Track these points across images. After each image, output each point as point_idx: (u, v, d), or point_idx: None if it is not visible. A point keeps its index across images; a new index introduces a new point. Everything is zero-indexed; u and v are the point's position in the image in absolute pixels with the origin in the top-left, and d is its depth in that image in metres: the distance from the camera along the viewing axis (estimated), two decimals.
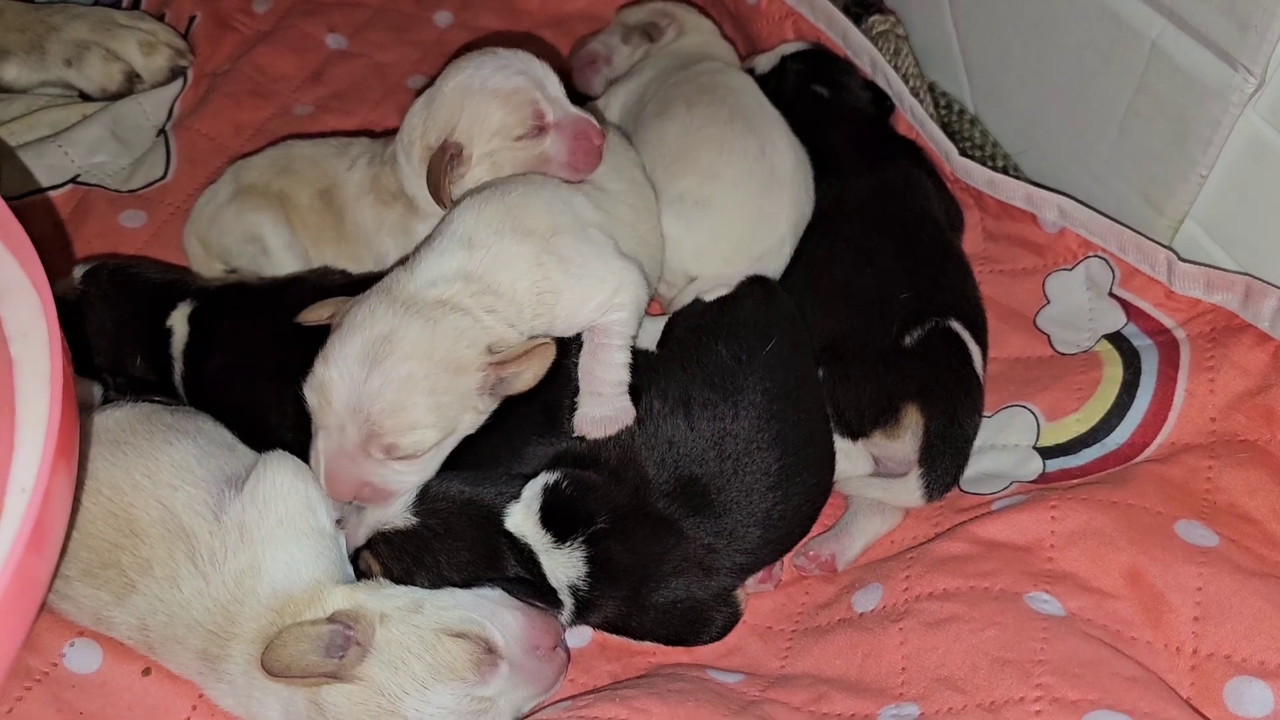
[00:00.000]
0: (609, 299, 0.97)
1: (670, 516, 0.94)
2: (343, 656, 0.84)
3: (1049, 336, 1.11)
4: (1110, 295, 1.08)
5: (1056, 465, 1.02)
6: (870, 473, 1.03)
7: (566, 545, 0.93)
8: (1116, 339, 1.06)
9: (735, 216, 1.10)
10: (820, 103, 1.25)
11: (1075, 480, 1.00)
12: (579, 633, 1.01)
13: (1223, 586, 0.86)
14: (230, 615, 0.87)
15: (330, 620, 0.85)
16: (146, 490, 0.90)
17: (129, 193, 1.33)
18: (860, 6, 1.38)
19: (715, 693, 0.90)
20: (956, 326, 1.04)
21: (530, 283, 0.94)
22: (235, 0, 1.55)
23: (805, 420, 0.99)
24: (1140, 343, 1.05)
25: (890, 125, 1.27)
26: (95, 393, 1.05)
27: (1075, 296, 1.11)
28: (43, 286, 0.82)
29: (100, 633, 0.92)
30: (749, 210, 1.10)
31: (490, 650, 0.86)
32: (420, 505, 0.94)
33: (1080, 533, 0.92)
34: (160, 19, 1.47)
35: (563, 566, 0.93)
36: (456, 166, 1.03)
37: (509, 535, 0.94)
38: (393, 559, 0.94)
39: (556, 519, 0.94)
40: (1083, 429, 1.02)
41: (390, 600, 0.88)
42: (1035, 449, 1.04)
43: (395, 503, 0.94)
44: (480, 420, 0.94)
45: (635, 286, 0.99)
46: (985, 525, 0.96)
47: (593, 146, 1.04)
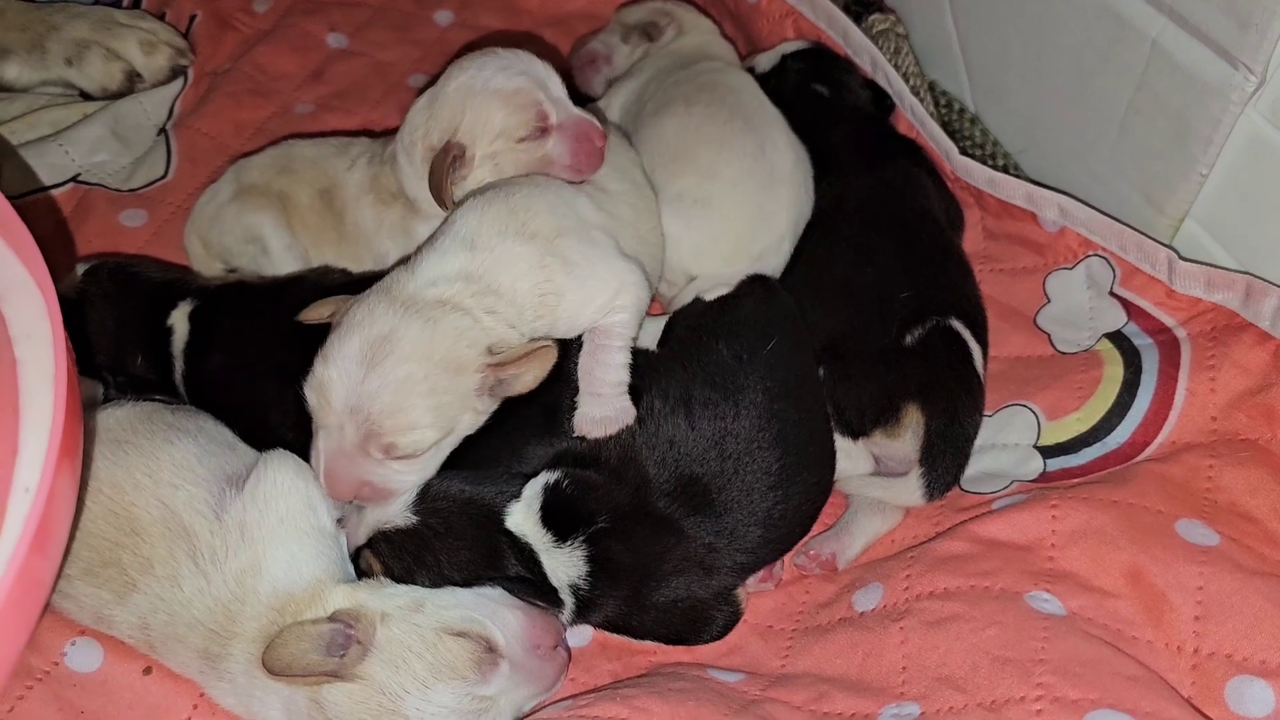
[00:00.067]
0: (611, 300, 0.97)
1: (671, 516, 0.94)
2: (343, 655, 0.84)
3: (1049, 335, 1.11)
4: (1111, 294, 1.08)
5: (1057, 464, 1.02)
6: (871, 472, 1.03)
7: (567, 544, 0.93)
8: (1117, 338, 1.06)
9: (735, 215, 1.10)
10: (820, 102, 1.25)
11: (1076, 479, 1.00)
12: (580, 632, 1.01)
13: (1224, 586, 0.86)
14: (231, 614, 0.87)
15: (331, 619, 0.85)
16: (147, 489, 0.90)
17: (130, 192, 1.33)
18: (860, 5, 1.37)
19: (716, 692, 0.90)
20: (957, 325, 1.04)
21: (532, 284, 0.94)
22: None
23: (806, 419, 0.99)
24: (1141, 342, 1.05)
25: (890, 124, 1.27)
26: (97, 392, 1.06)
27: (1076, 295, 1.11)
28: (47, 286, 0.82)
29: (101, 632, 0.92)
30: (748, 209, 1.10)
31: (491, 649, 0.86)
32: (421, 504, 0.94)
33: (1081, 532, 0.92)
34: (161, 18, 1.47)
35: (563, 566, 0.93)
36: (459, 168, 1.03)
37: (510, 534, 0.94)
38: (393, 558, 0.94)
39: (557, 518, 0.94)
40: (1083, 428, 1.02)
41: (391, 599, 0.88)
42: (1036, 448, 1.04)
43: (396, 502, 0.94)
44: (480, 421, 0.94)
45: (637, 288, 0.99)
46: (986, 524, 0.96)
47: (595, 148, 1.04)
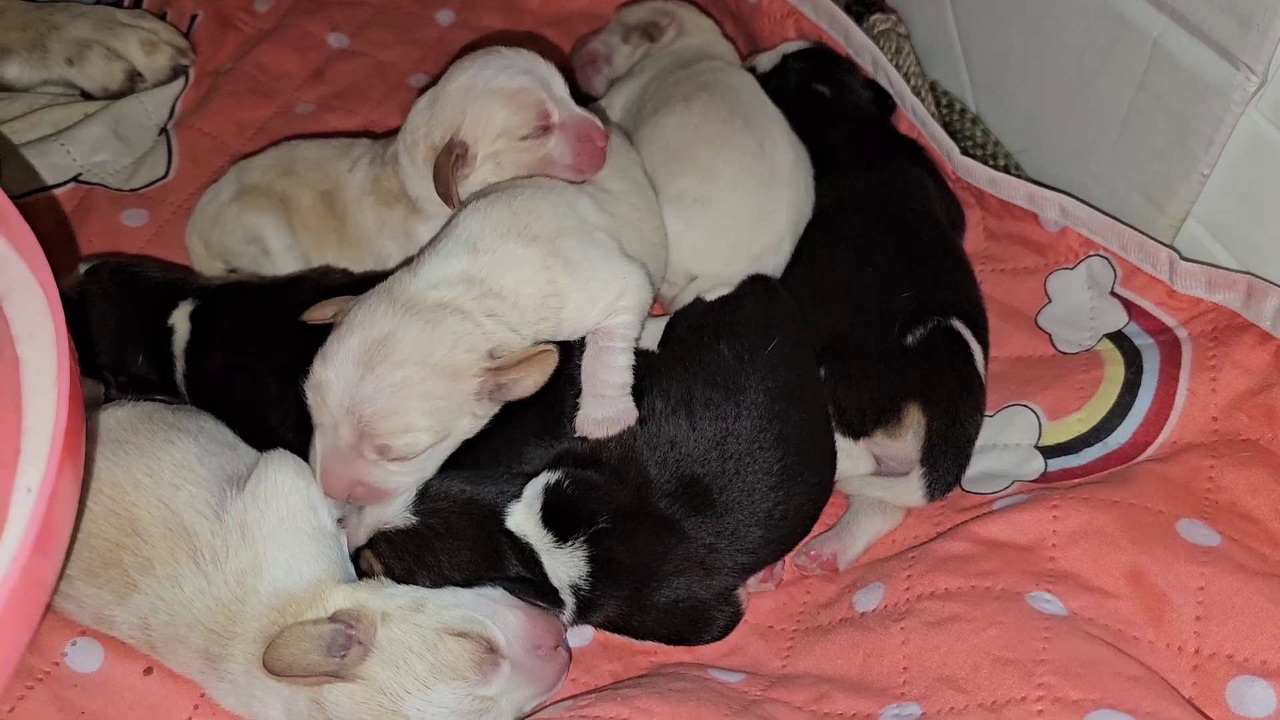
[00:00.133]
0: (614, 302, 0.97)
1: (672, 516, 0.94)
2: (344, 656, 0.84)
3: (1050, 335, 1.11)
4: (1112, 294, 1.08)
5: (1058, 464, 1.02)
6: (872, 472, 1.03)
7: (568, 545, 0.93)
8: (1118, 338, 1.06)
9: (734, 215, 1.10)
10: (822, 101, 1.25)
11: (1077, 479, 1.00)
12: (581, 632, 1.00)
13: (1225, 586, 0.86)
14: (232, 614, 0.87)
15: (332, 619, 0.85)
16: (148, 489, 0.90)
17: (130, 191, 1.33)
18: (862, 5, 1.37)
19: (717, 692, 0.90)
20: (958, 325, 1.04)
21: (535, 287, 0.94)
22: None
23: (807, 420, 0.99)
24: (1142, 342, 1.05)
25: (891, 124, 1.27)
26: (98, 392, 1.06)
27: (1077, 295, 1.11)
28: (49, 286, 0.82)
29: (102, 632, 0.92)
30: (748, 208, 1.10)
31: (492, 649, 0.86)
32: (421, 505, 0.94)
33: (1082, 532, 0.92)
34: (162, 18, 1.47)
35: (564, 566, 0.93)
36: (461, 166, 1.03)
37: (510, 535, 0.94)
38: (394, 558, 0.94)
39: (558, 518, 0.94)
40: (1084, 428, 1.02)
41: (392, 599, 0.88)
42: (1037, 448, 1.04)
43: (395, 502, 0.94)
44: (479, 425, 0.94)
45: (640, 289, 0.99)
46: (987, 525, 0.96)
47: (597, 148, 1.04)
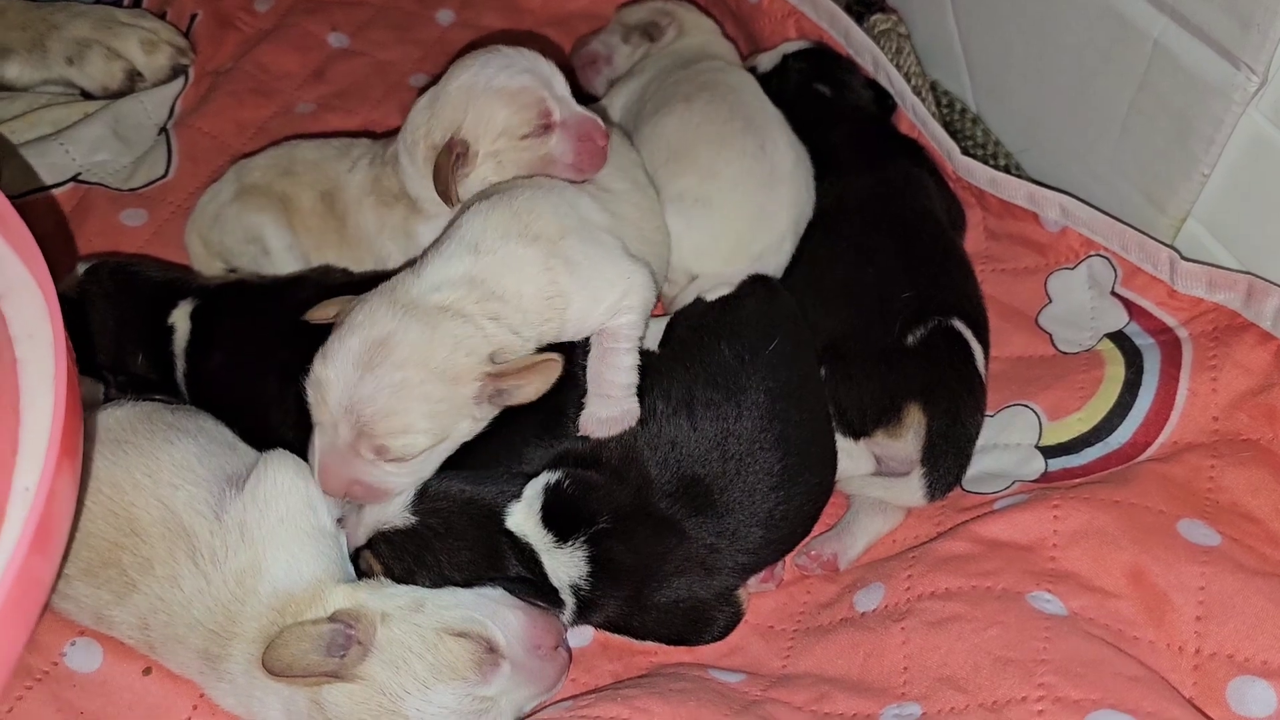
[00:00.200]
0: (618, 302, 0.97)
1: (672, 517, 0.94)
2: (344, 656, 0.84)
3: (1051, 335, 1.11)
4: (1112, 294, 1.08)
5: (1059, 464, 1.02)
6: (872, 472, 1.03)
7: (568, 545, 0.93)
8: (1119, 338, 1.06)
9: (735, 214, 1.10)
10: (822, 101, 1.25)
11: (1077, 479, 1.00)
12: (581, 632, 1.00)
13: (1225, 586, 0.86)
14: (231, 614, 0.87)
15: (331, 619, 0.85)
16: (147, 489, 0.90)
17: (130, 191, 1.33)
18: (862, 5, 1.37)
19: (717, 692, 0.90)
20: (959, 325, 1.04)
21: (537, 288, 0.93)
22: None
23: (808, 420, 0.99)
24: (1142, 342, 1.05)
25: (892, 124, 1.27)
26: (97, 391, 1.05)
27: (1077, 295, 1.11)
28: (47, 286, 0.82)
29: (101, 632, 0.92)
30: (749, 208, 1.10)
31: (492, 650, 0.86)
32: (420, 504, 0.94)
33: (1082, 532, 0.92)
34: (162, 17, 1.47)
35: (564, 566, 0.93)
36: (462, 165, 1.03)
37: (510, 535, 0.94)
38: (394, 558, 0.94)
39: (558, 518, 0.94)
40: (1085, 428, 1.02)
41: (392, 599, 0.88)
42: (1037, 448, 1.04)
43: (394, 502, 0.94)
44: (478, 427, 0.93)
45: (644, 289, 0.98)
46: (987, 524, 0.96)
47: (598, 147, 1.04)
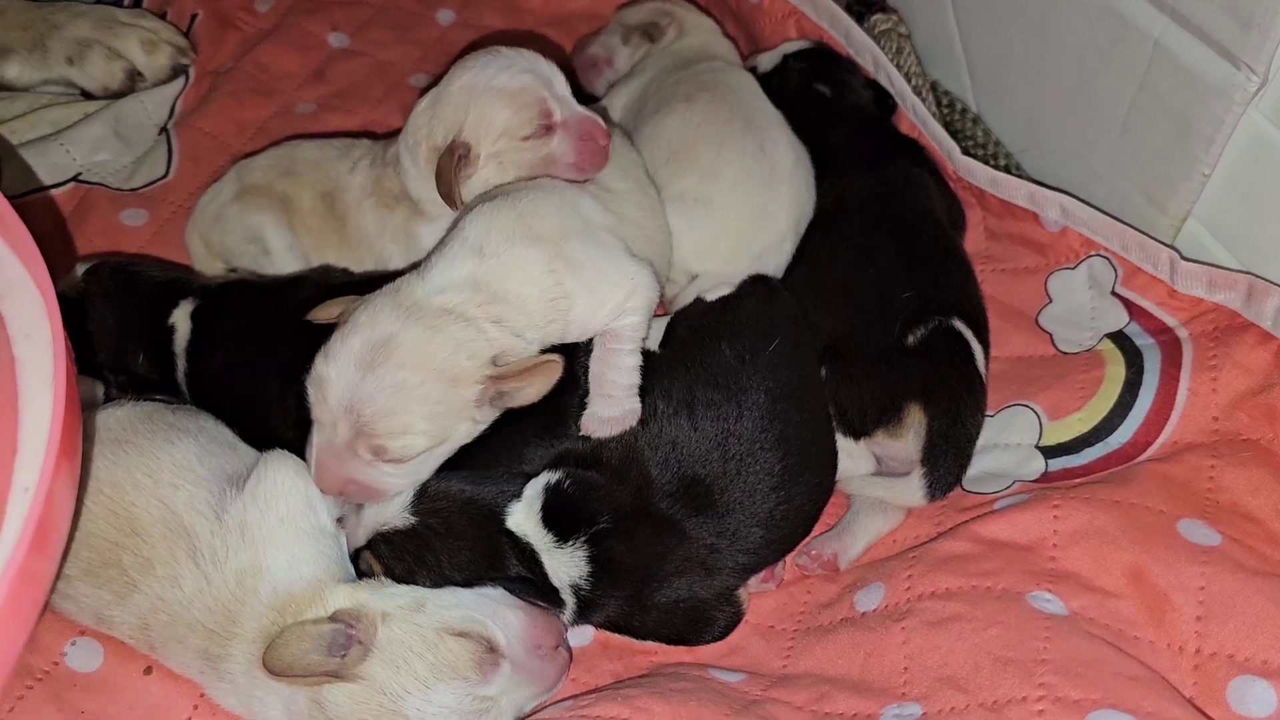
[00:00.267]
0: (622, 303, 0.96)
1: (673, 517, 0.94)
2: (344, 655, 0.84)
3: (1051, 335, 1.11)
4: (1112, 294, 1.08)
5: (1059, 464, 1.02)
6: (873, 472, 1.03)
7: (568, 545, 0.93)
8: (1119, 338, 1.06)
9: (735, 214, 1.10)
10: (822, 101, 1.25)
11: (1078, 479, 1.00)
12: (581, 632, 1.00)
13: (1225, 586, 0.86)
14: (231, 614, 0.87)
15: (332, 619, 0.85)
16: (148, 489, 0.90)
17: (130, 191, 1.33)
18: (863, 5, 1.37)
19: (717, 692, 0.90)
20: (959, 325, 1.04)
21: (541, 290, 0.93)
22: None
23: (808, 420, 0.99)
24: (1143, 342, 1.05)
25: (892, 124, 1.27)
26: (97, 391, 1.05)
27: (1077, 295, 1.11)
28: (46, 286, 0.82)
29: (101, 632, 0.92)
30: (749, 208, 1.10)
31: (492, 649, 0.86)
32: (420, 505, 0.94)
33: (1083, 532, 0.92)
34: (162, 17, 1.47)
35: (565, 566, 0.93)
36: (464, 167, 1.03)
37: (510, 534, 0.94)
38: (394, 559, 0.94)
39: (558, 518, 0.94)
40: (1085, 428, 1.02)
41: (392, 599, 0.88)
42: (1037, 448, 1.04)
43: (394, 502, 0.94)
44: (478, 430, 0.93)
45: (648, 289, 0.98)
46: (988, 524, 0.96)
47: (599, 146, 1.04)
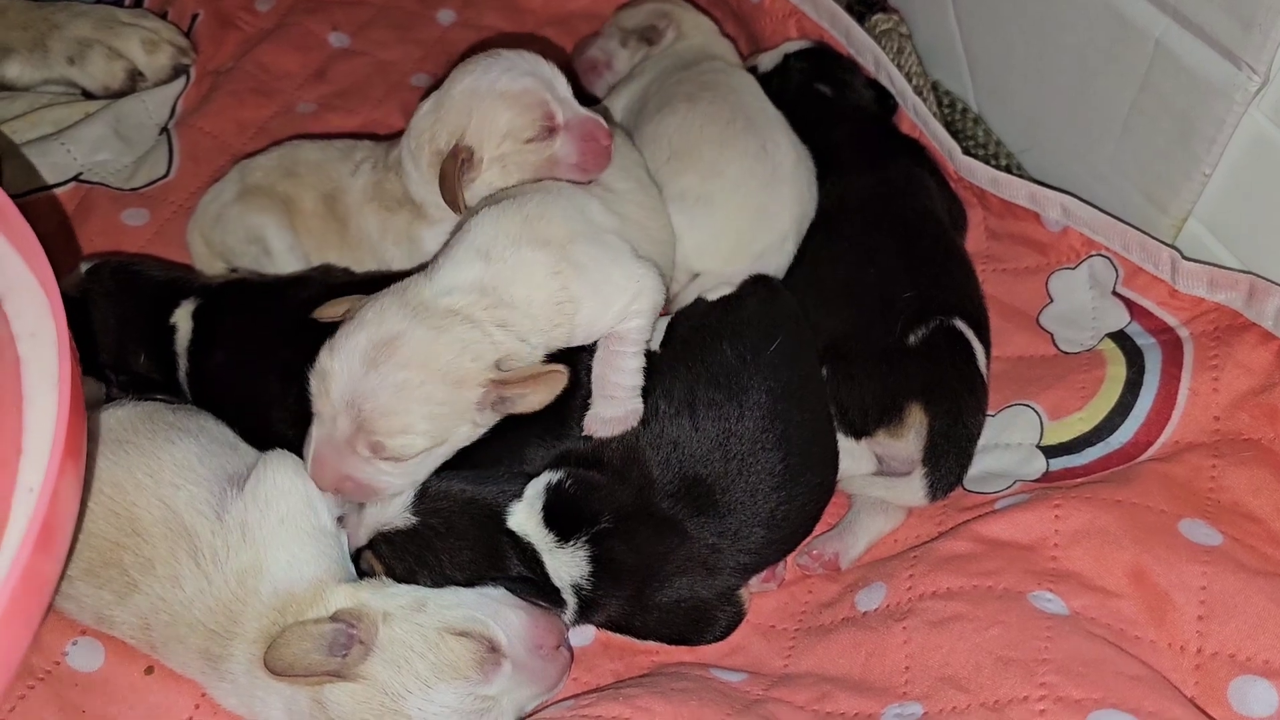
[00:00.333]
0: (627, 306, 0.96)
1: (674, 516, 0.94)
2: (345, 655, 0.84)
3: (1052, 335, 1.11)
4: (1113, 294, 1.08)
5: (1060, 464, 1.02)
6: (874, 472, 1.03)
7: (570, 544, 0.93)
8: (1120, 337, 1.06)
9: (737, 213, 1.10)
10: (823, 101, 1.25)
11: (1079, 479, 1.00)
12: (582, 631, 1.00)
13: (1227, 585, 0.86)
14: (232, 614, 0.87)
15: (333, 619, 0.85)
16: (149, 489, 0.90)
17: (131, 191, 1.33)
18: (863, 5, 1.37)
19: (718, 691, 0.90)
20: (960, 325, 1.04)
21: (547, 293, 0.93)
22: None
23: (809, 420, 0.99)
24: (1144, 341, 1.05)
25: (893, 124, 1.27)
26: (99, 391, 1.05)
27: (1078, 295, 1.11)
28: (50, 285, 0.82)
29: (102, 632, 0.92)
30: (751, 207, 1.10)
31: (493, 649, 0.86)
32: (421, 504, 0.94)
33: (1084, 531, 0.92)
34: (163, 17, 1.47)
35: (566, 566, 0.93)
36: (467, 171, 1.02)
37: (512, 534, 0.94)
38: (395, 559, 0.94)
39: (559, 518, 0.94)
40: (1086, 428, 1.02)
41: (393, 599, 0.88)
42: (1039, 448, 1.04)
43: (395, 502, 0.94)
44: (478, 433, 0.93)
45: (654, 291, 0.98)
46: (989, 524, 0.96)
47: (602, 147, 1.04)
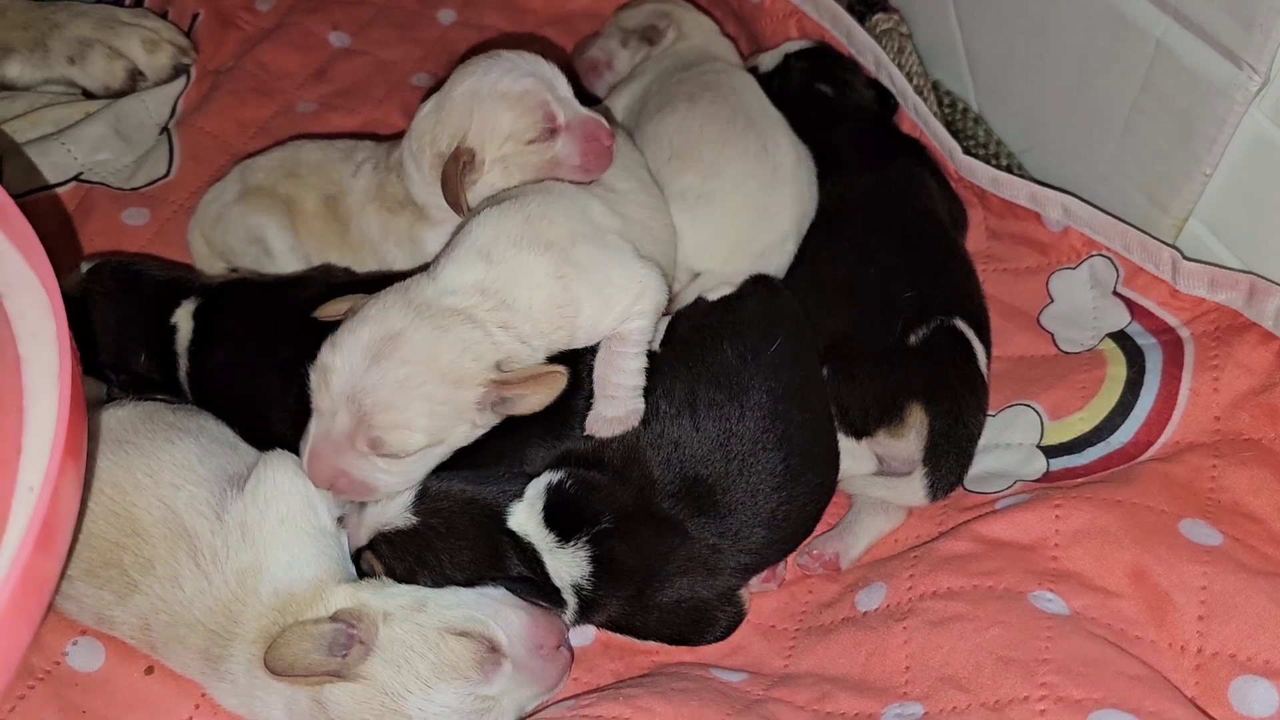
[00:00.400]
0: (630, 306, 0.96)
1: (675, 517, 0.94)
2: (345, 655, 0.84)
3: (1053, 335, 1.11)
4: (1114, 294, 1.08)
5: (1060, 464, 1.02)
6: (874, 472, 1.02)
7: (570, 545, 0.93)
8: (1120, 337, 1.06)
9: (737, 213, 1.10)
10: (824, 101, 1.25)
11: (1079, 479, 1.00)
12: (583, 631, 1.00)
13: (1227, 585, 0.86)
14: (232, 614, 0.87)
15: (333, 619, 0.85)
16: (148, 489, 0.90)
17: (132, 190, 1.33)
18: (864, 5, 1.37)
19: (719, 692, 0.90)
20: (961, 325, 1.04)
21: (548, 295, 0.93)
22: None
23: (810, 420, 0.99)
24: (1144, 341, 1.05)
25: (894, 124, 1.27)
26: (100, 391, 1.06)
27: (1079, 295, 1.11)
28: (51, 285, 0.82)
29: (102, 632, 0.92)
30: (751, 206, 1.10)
31: (494, 649, 0.86)
32: (422, 504, 0.94)
33: (1084, 531, 0.92)
34: (163, 16, 1.47)
35: (566, 566, 0.93)
36: (469, 172, 1.02)
37: (512, 534, 0.94)
38: (395, 559, 0.94)
39: (560, 518, 0.94)
40: (1087, 428, 1.02)
41: (393, 599, 0.88)
42: (1039, 448, 1.04)
43: (396, 502, 0.94)
44: (476, 434, 0.93)
45: (656, 292, 0.98)
46: (989, 524, 0.96)
47: (603, 147, 1.04)
